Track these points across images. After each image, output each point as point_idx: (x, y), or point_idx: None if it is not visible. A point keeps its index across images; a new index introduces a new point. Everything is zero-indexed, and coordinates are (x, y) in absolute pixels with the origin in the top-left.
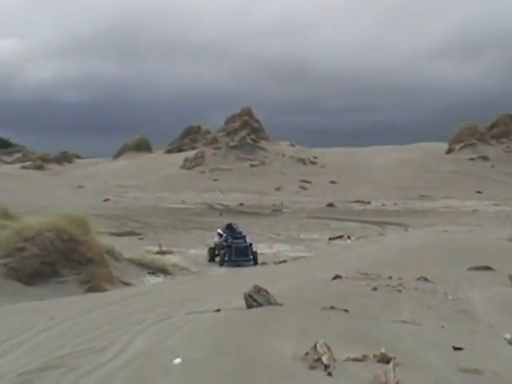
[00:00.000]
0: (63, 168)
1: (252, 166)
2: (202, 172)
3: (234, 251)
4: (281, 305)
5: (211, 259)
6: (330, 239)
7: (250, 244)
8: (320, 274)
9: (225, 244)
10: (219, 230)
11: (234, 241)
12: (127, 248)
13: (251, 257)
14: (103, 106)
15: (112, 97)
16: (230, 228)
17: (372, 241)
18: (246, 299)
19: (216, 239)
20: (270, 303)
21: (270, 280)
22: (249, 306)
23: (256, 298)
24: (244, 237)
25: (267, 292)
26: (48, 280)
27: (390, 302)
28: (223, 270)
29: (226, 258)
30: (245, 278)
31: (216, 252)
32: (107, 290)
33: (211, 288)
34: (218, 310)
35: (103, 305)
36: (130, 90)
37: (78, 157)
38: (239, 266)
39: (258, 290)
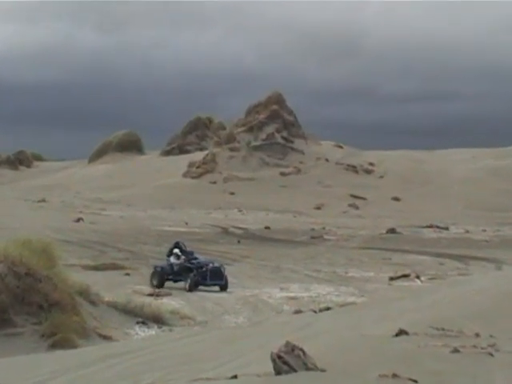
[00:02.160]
0: (19, 174)
1: (283, 174)
2: (213, 182)
3: (209, 273)
4: (323, 370)
5: (159, 284)
6: (392, 279)
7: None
8: (377, 327)
9: (191, 266)
10: (176, 250)
11: (202, 261)
12: (108, 287)
13: (224, 281)
14: (76, 90)
15: (88, 77)
16: (178, 247)
17: (451, 283)
18: (273, 361)
19: (172, 260)
20: (308, 368)
21: (306, 335)
22: (278, 372)
23: (288, 360)
24: (196, 258)
25: (304, 352)
26: None
27: (478, 370)
28: (240, 320)
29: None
30: (272, 331)
31: (168, 276)
32: (79, 347)
33: (225, 345)
34: (235, 377)
35: (74, 368)
36: (114, 69)
37: (39, 159)
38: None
39: (292, 348)
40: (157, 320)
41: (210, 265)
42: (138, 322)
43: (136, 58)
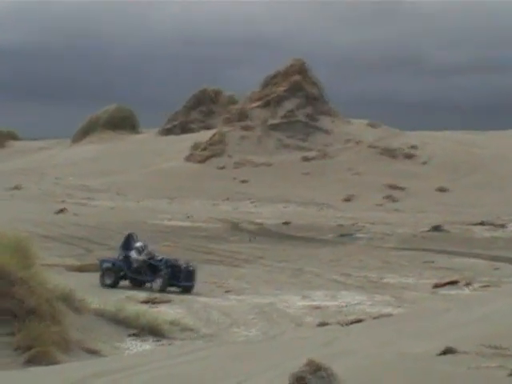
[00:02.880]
0: None
1: (305, 159)
2: (222, 167)
3: (182, 274)
4: None
5: (114, 284)
6: (436, 286)
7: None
8: (418, 345)
9: (158, 264)
10: (139, 244)
11: (169, 259)
12: (95, 292)
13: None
14: (57, 56)
15: (72, 41)
16: (129, 240)
17: (507, 291)
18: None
19: (133, 254)
20: None
21: (333, 353)
22: None
23: (311, 382)
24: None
25: (330, 373)
26: None
27: None
28: (252, 332)
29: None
30: (291, 347)
31: (125, 274)
32: (60, 362)
33: (233, 363)
34: None
35: None
36: (104, 31)
37: (14, 137)
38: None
39: (315, 368)
40: (153, 332)
41: (183, 264)
42: (130, 335)
43: (130, 18)
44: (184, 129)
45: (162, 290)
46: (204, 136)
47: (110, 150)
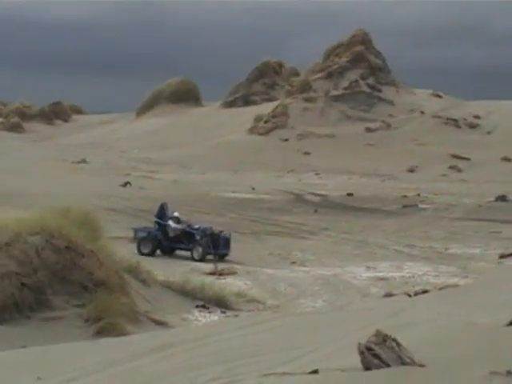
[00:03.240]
0: (55, 129)
1: (369, 130)
2: (285, 139)
3: (221, 242)
4: (421, 365)
5: (151, 252)
6: (502, 257)
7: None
8: (486, 315)
9: (195, 232)
10: (176, 213)
11: (205, 227)
12: (161, 265)
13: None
14: (119, 29)
15: (133, 14)
16: (163, 210)
17: None
18: (361, 354)
19: (171, 224)
20: (403, 362)
21: (400, 323)
22: (367, 366)
23: (379, 353)
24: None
25: (398, 343)
26: (32, 314)
27: None
28: (319, 303)
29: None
30: (358, 318)
31: (163, 242)
32: (129, 334)
33: (301, 334)
34: (315, 372)
35: (122, 359)
36: (163, 2)
37: (79, 111)
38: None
39: (383, 338)
40: (220, 303)
41: (219, 232)
42: (197, 306)
43: None
44: (246, 101)
45: (202, 258)
46: (266, 108)
47: (173, 123)
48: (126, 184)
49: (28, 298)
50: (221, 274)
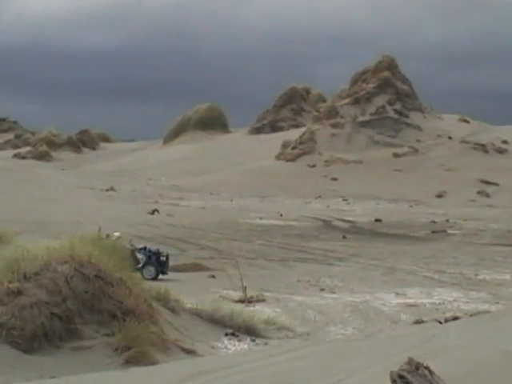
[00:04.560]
0: (82, 157)
1: (396, 155)
2: (312, 165)
3: (166, 262)
4: None
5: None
6: None
7: None
8: None
9: (149, 253)
10: (116, 233)
11: (153, 248)
12: (190, 292)
13: None
14: (147, 57)
15: (161, 42)
16: None
17: None
18: (394, 382)
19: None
20: None
21: (432, 350)
22: None
23: (411, 381)
24: None
25: (430, 371)
26: (61, 344)
27: None
28: (349, 330)
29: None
30: (389, 345)
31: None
32: (158, 363)
33: (332, 362)
34: None
35: None
36: (191, 31)
37: (106, 139)
38: None
39: (416, 366)
40: (249, 331)
41: (164, 252)
42: (226, 334)
43: (218, 16)
44: (274, 127)
45: (155, 277)
46: (294, 134)
47: (201, 149)
48: (153, 211)
49: (57, 327)
50: (250, 302)
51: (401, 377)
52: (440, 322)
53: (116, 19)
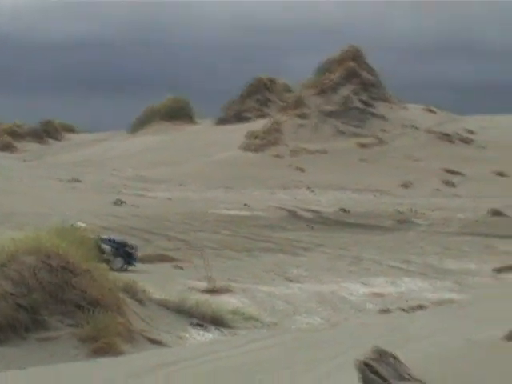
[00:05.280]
0: (46, 148)
1: (362, 145)
2: (278, 156)
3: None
4: (420, 382)
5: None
6: (498, 271)
7: None
8: (483, 331)
9: (116, 245)
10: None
11: (118, 240)
12: (157, 283)
13: None
14: (111, 48)
15: (126, 33)
16: None
17: None
18: (360, 371)
19: None
20: (402, 378)
21: (398, 339)
22: (366, 383)
23: (378, 369)
24: None
25: (396, 359)
26: (28, 335)
27: None
28: (316, 320)
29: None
30: (355, 334)
31: None
32: (124, 353)
33: (300, 351)
34: None
35: (119, 379)
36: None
37: (70, 130)
38: None
39: (381, 354)
40: (216, 322)
41: (134, 244)
42: (193, 324)
43: (184, 8)
44: (240, 118)
45: (122, 268)
46: (260, 125)
47: (166, 141)
48: (119, 202)
49: (23, 318)
50: (216, 292)
51: (367, 365)
52: (405, 311)
53: (81, 10)
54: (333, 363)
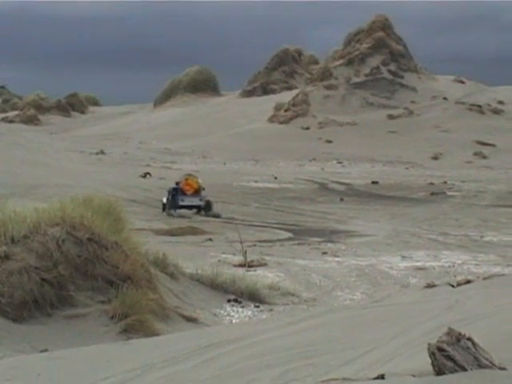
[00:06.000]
0: (71, 121)
1: (391, 117)
2: (306, 128)
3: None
4: (502, 369)
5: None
6: None
7: None
8: None
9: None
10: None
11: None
12: (187, 256)
13: None
14: (136, 22)
15: (151, 7)
16: None
17: None
18: (433, 355)
19: None
20: (482, 365)
21: (460, 318)
22: (439, 370)
23: (453, 355)
24: None
25: (474, 343)
26: (53, 312)
27: None
28: (357, 295)
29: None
30: (412, 312)
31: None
32: (158, 332)
33: (355, 331)
34: (382, 378)
35: (159, 364)
36: None
37: (95, 103)
38: None
39: (457, 338)
40: (253, 297)
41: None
42: (229, 300)
43: None
44: (266, 90)
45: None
46: (286, 97)
47: (191, 113)
48: (145, 175)
49: (48, 294)
50: (250, 266)
51: (441, 349)
52: (452, 286)
53: None
54: (394, 344)
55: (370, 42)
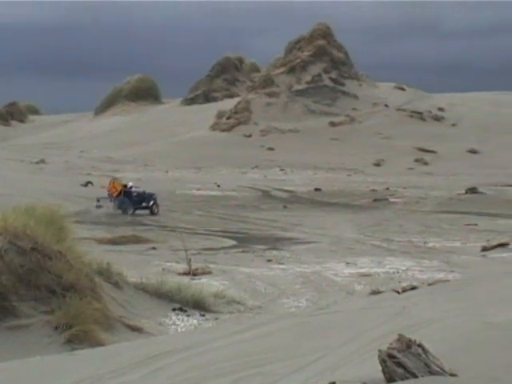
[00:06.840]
0: (10, 130)
1: (333, 124)
2: (248, 135)
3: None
4: (453, 375)
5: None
6: (485, 249)
7: None
8: (496, 313)
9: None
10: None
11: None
12: (131, 265)
13: None
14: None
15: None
16: None
17: None
18: (383, 362)
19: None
20: (432, 371)
21: (408, 324)
22: (390, 377)
23: (403, 361)
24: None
25: (424, 349)
26: None
27: None
28: (302, 303)
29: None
30: (359, 319)
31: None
32: (103, 342)
33: (303, 339)
34: None
35: (106, 375)
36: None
37: (35, 112)
38: None
39: (408, 344)
40: (198, 306)
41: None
42: (174, 309)
43: None
44: (207, 98)
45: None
46: (228, 104)
47: (133, 121)
48: (87, 183)
49: None
50: (195, 274)
51: (391, 356)
52: (398, 292)
53: None
54: (343, 352)
55: (312, 50)
